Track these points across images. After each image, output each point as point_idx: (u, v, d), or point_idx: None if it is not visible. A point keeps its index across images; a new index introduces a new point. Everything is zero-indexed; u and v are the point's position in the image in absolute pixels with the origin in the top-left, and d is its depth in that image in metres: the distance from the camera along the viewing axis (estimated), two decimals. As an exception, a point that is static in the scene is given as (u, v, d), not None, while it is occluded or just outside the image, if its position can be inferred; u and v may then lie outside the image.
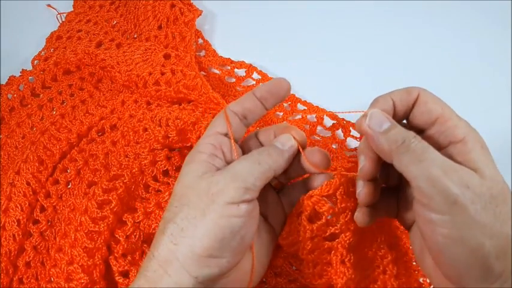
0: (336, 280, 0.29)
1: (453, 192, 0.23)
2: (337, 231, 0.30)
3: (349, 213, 0.29)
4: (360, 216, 0.29)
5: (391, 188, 0.31)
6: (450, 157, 0.25)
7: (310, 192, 0.30)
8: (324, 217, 0.30)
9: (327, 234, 0.30)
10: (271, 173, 0.29)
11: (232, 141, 0.30)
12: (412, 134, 0.25)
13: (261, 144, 0.32)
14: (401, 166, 0.25)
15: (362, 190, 0.28)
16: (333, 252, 0.30)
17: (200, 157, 0.29)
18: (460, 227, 0.23)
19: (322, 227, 0.30)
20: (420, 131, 0.27)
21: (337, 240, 0.30)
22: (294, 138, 0.31)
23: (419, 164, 0.24)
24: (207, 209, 0.27)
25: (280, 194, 0.34)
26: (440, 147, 0.26)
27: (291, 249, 0.33)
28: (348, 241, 0.29)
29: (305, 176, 0.33)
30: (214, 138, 0.30)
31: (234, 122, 0.31)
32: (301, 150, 0.31)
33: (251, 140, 0.33)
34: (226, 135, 0.30)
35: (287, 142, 0.30)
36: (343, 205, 0.29)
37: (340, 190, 0.29)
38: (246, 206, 0.27)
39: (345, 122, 0.47)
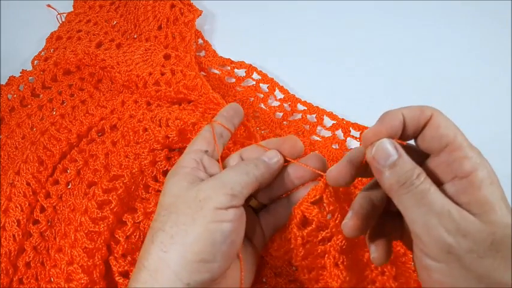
0: (330, 283, 0.29)
1: (447, 242, 0.23)
2: (328, 235, 0.30)
3: (339, 216, 0.29)
4: (347, 228, 0.27)
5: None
6: (455, 194, 0.24)
7: (300, 200, 0.30)
8: (314, 222, 0.30)
9: (319, 238, 0.30)
10: (256, 184, 0.30)
11: (218, 149, 0.33)
12: (416, 172, 0.24)
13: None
14: (400, 207, 0.24)
15: (348, 221, 0.27)
16: (326, 255, 0.30)
17: (184, 170, 0.31)
18: (454, 276, 0.23)
19: (313, 232, 0.30)
20: (427, 155, 0.26)
21: (329, 243, 0.30)
22: (281, 153, 0.33)
23: (417, 210, 0.23)
24: (196, 215, 0.27)
25: (259, 215, 0.35)
26: (446, 180, 0.25)
27: (285, 258, 0.33)
28: (340, 244, 0.29)
29: (287, 193, 0.34)
30: (195, 154, 0.32)
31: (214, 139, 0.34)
32: (292, 161, 0.33)
33: (233, 158, 0.34)
34: (206, 152, 0.33)
35: (274, 157, 0.32)
36: (331, 208, 0.29)
37: (326, 194, 0.29)
38: (234, 210, 0.28)
39: (345, 122, 0.47)
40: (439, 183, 0.25)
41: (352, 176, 0.27)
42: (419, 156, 0.26)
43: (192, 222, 0.27)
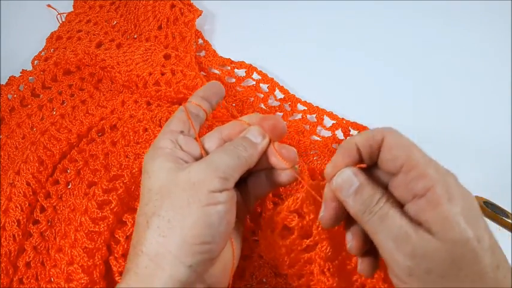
0: None
1: (406, 264, 0.23)
2: (311, 243, 0.29)
3: (322, 226, 0.29)
4: (323, 220, 0.28)
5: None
6: (416, 213, 0.24)
7: (278, 208, 0.30)
8: (295, 232, 0.30)
9: (303, 247, 0.30)
10: (247, 167, 0.30)
11: (194, 128, 0.32)
12: (376, 198, 0.25)
13: (222, 140, 0.33)
14: (368, 233, 0.25)
15: (324, 214, 0.28)
16: (312, 263, 0.30)
17: (164, 151, 0.30)
18: None
19: (296, 241, 0.30)
20: (392, 175, 0.26)
21: (314, 251, 0.30)
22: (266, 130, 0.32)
23: (377, 235, 0.24)
24: (191, 198, 0.27)
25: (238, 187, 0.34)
26: (407, 199, 0.25)
27: (276, 264, 0.33)
28: (325, 251, 0.29)
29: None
30: (171, 134, 0.31)
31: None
32: (273, 146, 0.31)
33: (211, 136, 0.33)
34: (181, 132, 0.32)
35: (259, 135, 0.31)
36: (312, 217, 0.29)
37: (306, 204, 0.29)
38: (227, 193, 0.28)
39: (344, 121, 0.47)
40: (402, 203, 0.25)
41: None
42: (388, 176, 0.26)
43: (188, 205, 0.27)
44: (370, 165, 0.27)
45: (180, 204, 0.27)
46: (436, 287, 0.23)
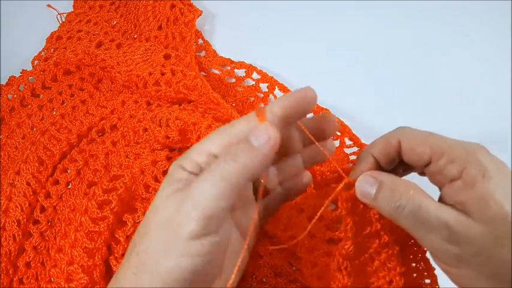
0: (332, 285, 0.29)
1: (454, 252, 0.23)
2: (335, 238, 0.29)
3: (351, 222, 0.28)
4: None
5: None
6: (453, 195, 0.24)
7: (315, 192, 0.30)
8: (325, 221, 0.29)
9: (326, 238, 0.30)
10: (241, 187, 0.23)
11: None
12: (398, 193, 0.25)
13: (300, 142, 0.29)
14: (405, 229, 0.25)
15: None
16: (331, 257, 0.30)
17: (180, 174, 0.25)
18: (469, 278, 0.24)
19: (322, 229, 0.30)
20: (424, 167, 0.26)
21: (336, 246, 0.29)
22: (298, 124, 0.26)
23: (418, 229, 0.24)
24: (168, 245, 0.23)
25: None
26: (444, 182, 0.25)
27: (289, 243, 0.32)
28: (346, 250, 0.29)
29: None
30: (203, 158, 0.25)
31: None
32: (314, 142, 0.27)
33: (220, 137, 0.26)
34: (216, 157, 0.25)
35: (263, 135, 0.23)
36: (343, 213, 0.28)
37: (342, 197, 0.28)
38: (209, 240, 0.23)
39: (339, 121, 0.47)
40: (439, 187, 0.25)
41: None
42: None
43: (163, 253, 0.23)
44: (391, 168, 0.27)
45: (156, 248, 0.23)
46: (483, 268, 0.23)
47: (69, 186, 0.43)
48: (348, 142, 0.46)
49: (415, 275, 0.33)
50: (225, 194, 0.23)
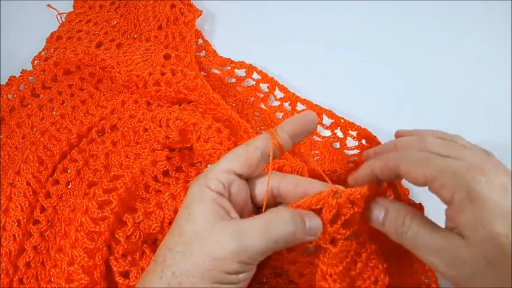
0: None
1: (451, 274, 0.25)
2: (313, 246, 0.29)
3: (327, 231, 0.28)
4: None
5: None
6: (451, 217, 0.26)
7: (301, 202, 0.28)
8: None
9: (302, 249, 0.29)
10: (279, 248, 0.27)
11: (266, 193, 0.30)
12: (400, 220, 0.27)
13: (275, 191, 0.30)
14: (409, 249, 0.27)
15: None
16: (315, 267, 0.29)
17: (210, 196, 0.28)
18: None
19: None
20: None
21: (318, 256, 0.29)
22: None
23: (418, 253, 0.27)
24: (206, 273, 0.26)
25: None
26: (448, 203, 0.26)
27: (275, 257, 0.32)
28: (328, 258, 0.29)
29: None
30: (225, 176, 0.28)
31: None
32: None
33: (264, 181, 0.30)
34: (240, 176, 0.29)
35: (317, 224, 0.27)
36: (326, 221, 0.28)
37: (326, 208, 0.28)
38: (244, 275, 0.27)
39: (342, 120, 0.47)
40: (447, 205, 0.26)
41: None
42: None
43: (200, 277, 0.26)
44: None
45: (194, 273, 0.26)
46: (483, 286, 0.24)
47: (69, 186, 0.43)
48: (349, 144, 0.46)
49: (415, 275, 0.34)
50: (267, 250, 0.27)
